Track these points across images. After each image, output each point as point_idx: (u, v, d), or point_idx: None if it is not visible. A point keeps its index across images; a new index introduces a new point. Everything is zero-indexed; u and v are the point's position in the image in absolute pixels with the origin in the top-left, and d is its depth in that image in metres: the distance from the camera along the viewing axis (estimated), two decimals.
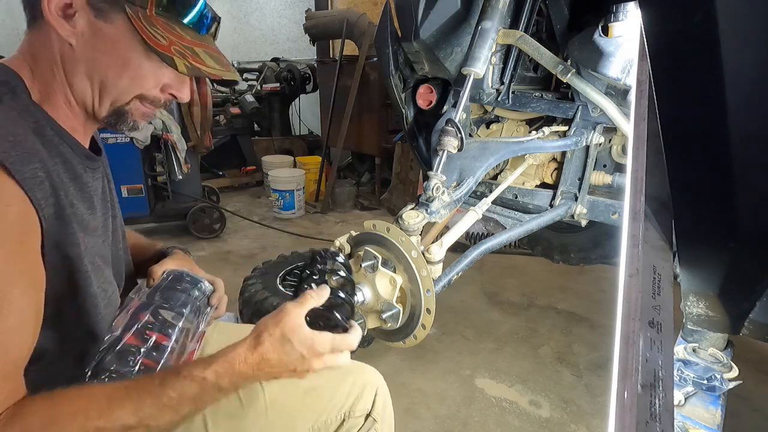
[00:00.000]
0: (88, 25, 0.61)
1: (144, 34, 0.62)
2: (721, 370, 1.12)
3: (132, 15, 0.62)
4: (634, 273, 0.56)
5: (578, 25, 1.30)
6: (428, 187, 1.05)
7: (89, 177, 0.69)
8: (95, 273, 0.66)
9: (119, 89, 0.65)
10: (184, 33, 0.66)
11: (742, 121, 0.48)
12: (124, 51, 0.63)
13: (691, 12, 0.45)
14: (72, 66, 0.63)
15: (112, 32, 0.62)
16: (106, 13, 0.61)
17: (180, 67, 0.63)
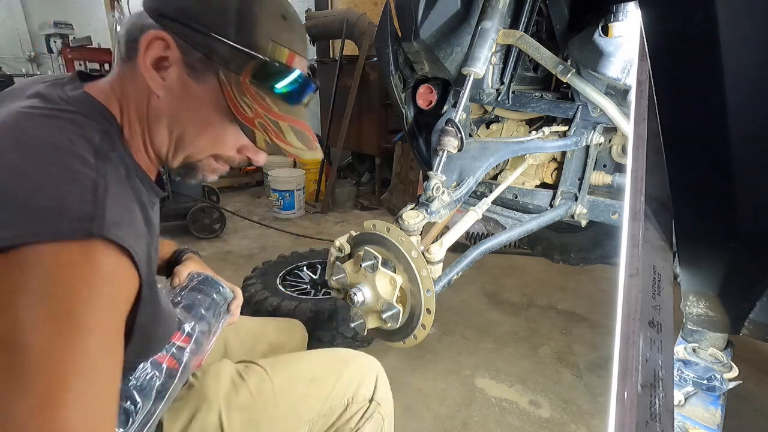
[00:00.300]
0: (178, 80, 0.61)
1: (231, 103, 0.61)
2: (721, 370, 1.12)
3: (224, 80, 0.61)
4: (634, 273, 0.56)
5: (578, 25, 1.30)
6: (428, 187, 1.05)
7: (154, 213, 0.69)
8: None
9: (196, 147, 0.66)
10: (274, 104, 0.65)
11: (742, 121, 0.48)
12: (208, 113, 0.63)
13: (691, 12, 0.45)
14: (156, 115, 0.63)
15: (200, 92, 0.62)
16: (200, 73, 0.61)
17: (259, 142, 0.63)
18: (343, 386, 0.87)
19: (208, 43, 0.60)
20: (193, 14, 0.60)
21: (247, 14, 0.61)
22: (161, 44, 0.60)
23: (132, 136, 0.64)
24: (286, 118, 0.66)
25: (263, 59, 0.62)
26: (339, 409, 0.86)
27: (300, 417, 0.82)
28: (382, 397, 0.90)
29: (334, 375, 0.87)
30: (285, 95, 0.66)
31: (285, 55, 0.64)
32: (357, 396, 0.87)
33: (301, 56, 0.67)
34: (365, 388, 0.89)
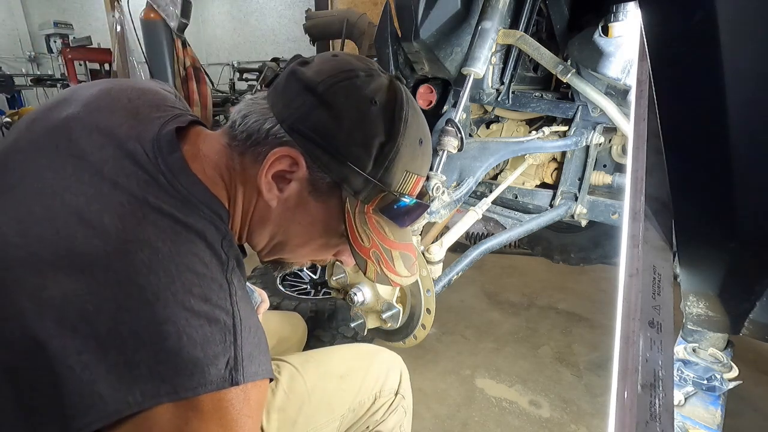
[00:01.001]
0: (297, 196, 0.58)
1: (351, 231, 0.59)
2: (721, 370, 1.12)
3: (349, 208, 0.58)
4: (634, 273, 0.56)
5: (578, 25, 1.30)
6: (428, 187, 1.05)
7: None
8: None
9: (296, 254, 0.65)
10: (390, 232, 0.63)
11: (742, 121, 0.48)
12: (319, 230, 0.61)
13: (691, 12, 0.45)
14: (261, 220, 0.61)
15: (317, 211, 0.59)
16: (322, 194, 0.58)
17: (370, 273, 0.61)
18: (371, 381, 0.87)
19: (341, 171, 0.56)
20: (332, 138, 0.55)
21: (390, 148, 0.57)
22: (288, 161, 0.56)
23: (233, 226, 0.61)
24: (399, 245, 0.64)
25: (395, 194, 0.60)
26: (368, 403, 0.86)
27: (332, 413, 0.82)
28: (406, 391, 0.91)
29: (362, 370, 0.88)
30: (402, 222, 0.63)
31: (412, 182, 0.62)
32: (384, 389, 0.88)
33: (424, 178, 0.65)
34: (392, 381, 0.89)
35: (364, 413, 0.87)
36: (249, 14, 6.40)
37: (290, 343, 1.15)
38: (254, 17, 6.33)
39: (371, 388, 0.87)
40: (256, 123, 0.57)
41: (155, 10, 3.03)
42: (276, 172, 0.57)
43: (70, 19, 5.65)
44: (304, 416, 0.80)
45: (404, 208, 0.62)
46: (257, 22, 6.31)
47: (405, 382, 0.93)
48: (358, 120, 0.56)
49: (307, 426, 0.80)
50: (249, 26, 6.44)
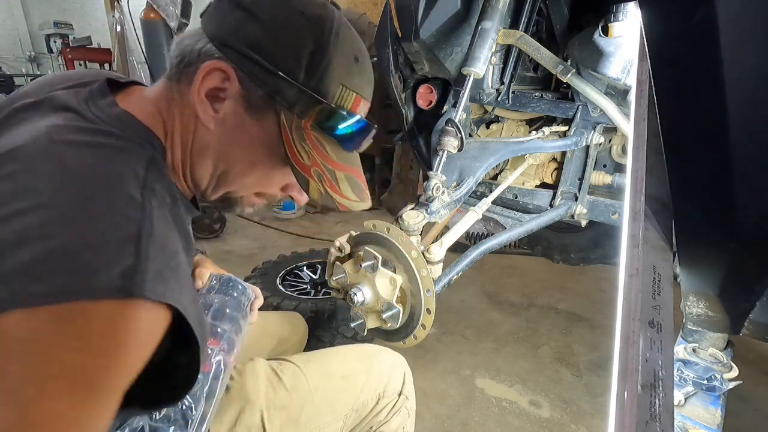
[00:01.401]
0: (233, 115, 0.57)
1: (289, 148, 0.58)
2: (721, 370, 1.12)
3: (285, 123, 0.57)
4: (634, 273, 0.56)
5: (578, 25, 1.30)
6: (428, 187, 1.05)
7: (189, 228, 0.65)
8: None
9: (240, 185, 0.63)
10: (333, 152, 0.61)
11: (742, 121, 0.49)
12: (260, 152, 0.60)
13: (691, 12, 0.45)
14: (202, 146, 0.59)
15: (255, 130, 0.58)
16: (258, 110, 0.57)
17: (313, 193, 0.60)
18: (374, 381, 0.87)
19: (273, 82, 0.56)
20: (262, 50, 0.55)
21: (321, 57, 0.57)
22: (220, 75, 0.56)
23: (174, 163, 0.60)
24: (343, 167, 0.63)
25: (331, 106, 0.58)
26: (371, 403, 0.86)
27: (335, 412, 0.82)
28: (409, 392, 0.91)
29: (365, 370, 0.88)
30: (345, 142, 0.62)
31: (352, 100, 0.61)
32: (387, 390, 0.88)
33: (366, 100, 0.64)
34: (395, 381, 0.89)
35: (368, 414, 0.87)
36: None
37: (290, 344, 1.15)
38: None
39: (374, 388, 0.87)
40: (188, 45, 0.58)
41: (155, 10, 3.02)
42: (209, 90, 0.56)
43: (70, 19, 5.65)
44: (307, 415, 0.80)
45: (347, 126, 0.61)
46: None
47: (408, 383, 0.93)
48: (287, 30, 0.56)
49: (310, 425, 0.80)
50: None
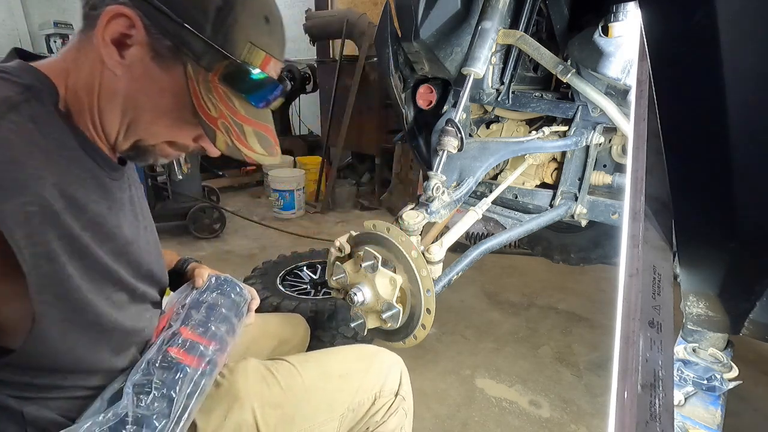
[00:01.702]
0: (140, 62, 0.58)
1: (195, 99, 0.59)
2: (721, 370, 1.12)
3: (191, 75, 0.58)
4: (634, 273, 0.56)
5: (578, 25, 1.30)
6: (428, 187, 1.05)
7: (116, 188, 0.67)
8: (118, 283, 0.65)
9: (150, 133, 0.63)
10: (241, 106, 0.63)
11: (742, 121, 0.49)
12: (169, 102, 0.60)
13: (691, 12, 0.45)
14: (109, 94, 0.60)
15: (163, 80, 0.59)
16: (166, 60, 0.58)
17: (219, 143, 0.61)
18: (370, 381, 0.88)
19: (180, 34, 0.57)
20: (169, 0, 0.56)
21: (227, 12, 0.58)
22: (125, 22, 0.56)
23: (79, 110, 0.60)
24: (251, 122, 0.64)
25: (237, 62, 0.59)
26: (367, 403, 0.87)
27: (332, 412, 0.82)
28: (406, 393, 0.92)
29: (361, 370, 0.88)
30: (253, 99, 0.64)
31: (261, 58, 0.62)
32: (384, 390, 0.88)
33: (277, 59, 0.65)
34: (391, 382, 0.90)
35: (365, 414, 0.87)
36: None
37: (291, 345, 1.15)
38: None
39: (371, 388, 0.87)
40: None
41: None
42: (115, 36, 0.56)
43: (70, 19, 5.65)
44: (302, 414, 0.80)
45: (254, 83, 0.62)
46: None
47: (405, 383, 0.93)
48: None
49: (306, 423, 0.80)
50: None
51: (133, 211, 0.72)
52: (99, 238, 0.61)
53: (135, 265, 0.70)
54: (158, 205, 3.08)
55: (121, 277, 0.66)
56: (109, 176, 0.65)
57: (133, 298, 0.70)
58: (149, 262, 0.74)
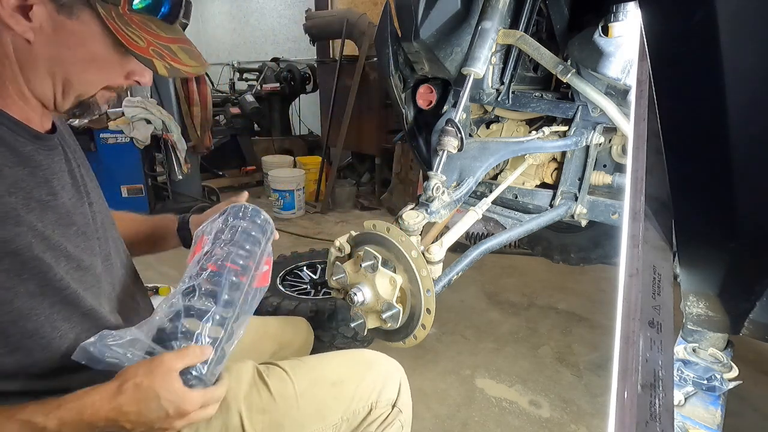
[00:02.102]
0: (48, 19, 0.57)
1: (121, 36, 0.58)
2: (721, 370, 1.12)
3: (105, 14, 0.58)
4: (634, 273, 0.56)
5: (578, 25, 1.30)
6: (428, 187, 1.05)
7: (43, 157, 0.64)
8: (57, 260, 0.62)
9: (86, 84, 0.63)
10: (159, 29, 0.63)
11: (742, 121, 0.49)
12: (92, 48, 0.60)
13: (691, 12, 0.45)
14: (29, 61, 0.59)
15: (78, 29, 0.58)
16: (71, 8, 0.57)
17: (160, 69, 0.61)
18: (366, 390, 0.85)
19: None
20: None
21: None
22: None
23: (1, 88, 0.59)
24: (175, 40, 0.65)
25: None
26: (363, 413, 0.84)
27: (323, 420, 0.80)
28: (404, 404, 0.88)
29: (356, 378, 0.86)
30: (166, 17, 0.64)
31: None
32: (380, 400, 0.85)
33: None
34: (389, 391, 0.87)
35: (359, 424, 0.85)
36: (249, 14, 6.39)
37: (293, 348, 1.12)
38: (254, 17, 6.33)
39: (366, 397, 0.85)
40: None
41: None
42: (14, 3, 0.55)
43: None
44: (292, 421, 0.78)
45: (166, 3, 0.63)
46: (257, 22, 6.30)
47: (405, 393, 0.90)
48: None
49: (296, 431, 0.78)
50: (249, 26, 6.43)
51: (75, 185, 0.70)
52: (28, 207, 0.59)
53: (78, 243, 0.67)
54: (158, 206, 3.08)
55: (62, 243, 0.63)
56: (31, 144, 0.63)
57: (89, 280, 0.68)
58: (101, 242, 0.73)
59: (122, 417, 0.57)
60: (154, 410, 0.58)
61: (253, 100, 4.30)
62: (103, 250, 0.73)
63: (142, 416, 0.58)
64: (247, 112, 4.27)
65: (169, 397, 0.58)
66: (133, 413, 0.57)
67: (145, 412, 0.58)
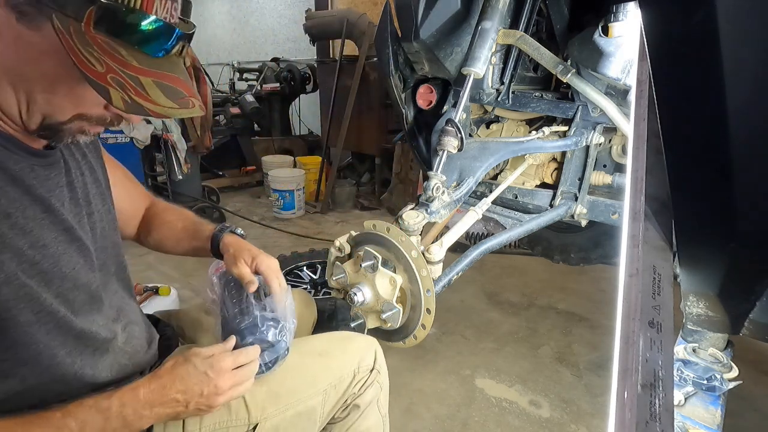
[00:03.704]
0: (8, 27, 0.51)
1: (74, 56, 0.50)
2: (721, 370, 1.12)
3: (60, 28, 0.50)
4: (634, 273, 0.56)
5: (578, 25, 1.30)
6: (428, 187, 1.05)
7: (38, 177, 0.61)
8: (49, 283, 0.60)
9: (52, 106, 0.57)
10: (131, 57, 0.54)
11: (742, 121, 0.49)
12: (52, 66, 0.54)
13: (691, 12, 0.45)
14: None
15: (37, 41, 0.52)
16: (32, 18, 0.51)
17: (116, 101, 0.52)
18: (349, 359, 0.91)
19: None
20: None
21: None
22: None
23: None
24: (149, 72, 0.55)
25: (109, 4, 0.51)
26: (347, 379, 0.90)
27: (315, 386, 0.85)
28: (380, 366, 0.95)
29: (340, 349, 0.92)
30: (144, 45, 0.55)
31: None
32: (361, 366, 0.91)
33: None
34: (368, 359, 0.93)
35: (345, 390, 0.90)
36: (249, 14, 6.39)
37: (303, 322, 1.09)
38: (254, 17, 6.33)
39: (350, 365, 0.90)
40: None
41: None
42: None
43: None
44: (287, 389, 0.83)
45: (138, 27, 0.53)
46: (257, 22, 6.30)
47: (380, 358, 0.95)
48: None
49: (291, 398, 0.83)
50: (249, 26, 6.43)
51: (74, 199, 0.68)
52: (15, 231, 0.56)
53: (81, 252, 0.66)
54: None
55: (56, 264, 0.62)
56: (25, 161, 0.59)
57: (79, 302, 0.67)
58: (101, 253, 0.73)
59: (171, 388, 0.64)
60: (192, 373, 0.65)
61: (253, 100, 4.30)
62: (100, 260, 0.72)
63: (185, 381, 0.65)
64: (247, 112, 4.26)
65: (200, 357, 0.66)
66: (177, 381, 0.65)
67: (185, 376, 0.65)
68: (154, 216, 0.98)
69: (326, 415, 0.89)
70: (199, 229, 0.94)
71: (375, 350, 0.95)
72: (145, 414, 0.63)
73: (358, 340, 0.96)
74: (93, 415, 0.59)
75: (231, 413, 0.77)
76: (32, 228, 0.58)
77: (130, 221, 0.96)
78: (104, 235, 0.75)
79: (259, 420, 0.78)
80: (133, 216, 0.96)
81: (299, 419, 0.83)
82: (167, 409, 0.65)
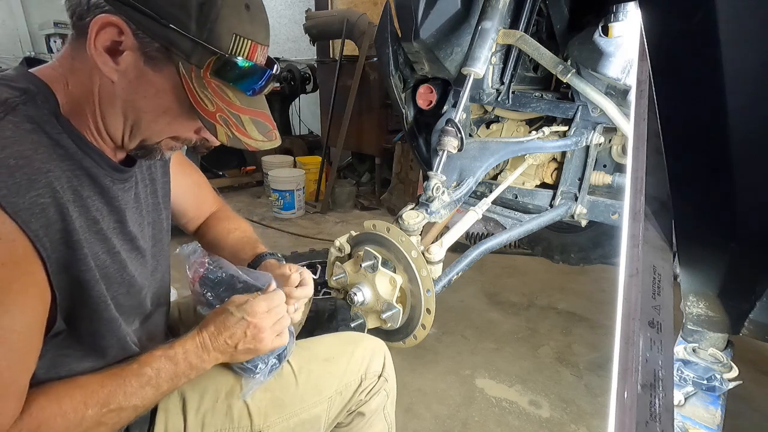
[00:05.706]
0: (134, 67, 0.60)
1: (192, 96, 0.61)
2: (721, 370, 1.12)
3: (185, 73, 0.60)
4: (634, 273, 0.56)
5: (578, 25, 1.30)
6: (428, 187, 1.05)
7: (118, 190, 0.69)
8: (107, 287, 0.66)
9: (153, 132, 0.66)
10: (235, 97, 0.65)
11: (742, 121, 0.49)
12: (167, 101, 0.63)
13: (691, 12, 0.45)
14: (108, 99, 0.62)
15: (158, 81, 0.61)
16: (158, 62, 0.60)
17: (221, 136, 0.63)
18: (355, 364, 0.90)
19: (166, 35, 0.58)
20: (149, 2, 0.57)
21: (209, 8, 0.59)
22: (113, 30, 0.57)
23: (78, 114, 0.62)
24: (247, 110, 0.66)
25: (225, 55, 0.61)
26: (353, 385, 0.89)
27: (320, 394, 0.85)
28: (389, 374, 0.94)
29: (347, 354, 0.91)
30: (245, 87, 0.65)
31: (247, 47, 0.63)
32: (368, 372, 0.91)
33: (263, 45, 0.66)
34: (375, 364, 0.92)
35: (351, 396, 0.89)
36: None
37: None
38: None
39: (356, 371, 0.90)
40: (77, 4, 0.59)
41: None
42: (106, 45, 0.58)
43: None
44: (292, 397, 0.82)
45: (244, 72, 0.64)
46: None
47: (389, 365, 0.95)
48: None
49: (295, 406, 0.82)
50: None
51: (138, 209, 0.75)
52: (98, 237, 0.64)
53: (140, 259, 0.74)
54: None
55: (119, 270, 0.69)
56: (110, 176, 0.67)
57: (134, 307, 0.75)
58: (157, 262, 0.80)
59: (217, 335, 0.71)
60: (231, 319, 0.71)
61: None
62: (151, 265, 0.79)
63: (227, 326, 0.71)
64: None
65: (234, 305, 0.72)
66: (219, 327, 0.71)
67: (226, 323, 0.71)
68: (216, 221, 1.04)
69: (331, 422, 0.88)
70: (246, 246, 0.99)
71: (384, 355, 0.94)
72: (206, 358, 0.70)
73: (366, 344, 0.94)
74: (164, 362, 0.68)
75: (233, 420, 0.77)
76: (110, 236, 0.66)
77: (192, 221, 1.04)
78: (154, 240, 0.81)
79: (261, 428, 0.78)
80: (196, 218, 1.04)
81: (303, 428, 0.82)
82: (221, 354, 0.72)
